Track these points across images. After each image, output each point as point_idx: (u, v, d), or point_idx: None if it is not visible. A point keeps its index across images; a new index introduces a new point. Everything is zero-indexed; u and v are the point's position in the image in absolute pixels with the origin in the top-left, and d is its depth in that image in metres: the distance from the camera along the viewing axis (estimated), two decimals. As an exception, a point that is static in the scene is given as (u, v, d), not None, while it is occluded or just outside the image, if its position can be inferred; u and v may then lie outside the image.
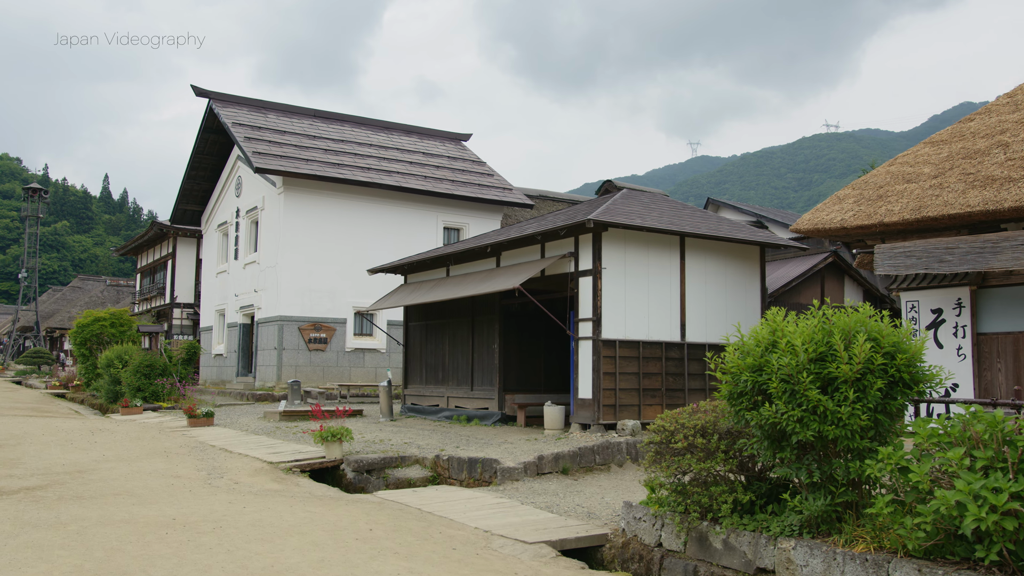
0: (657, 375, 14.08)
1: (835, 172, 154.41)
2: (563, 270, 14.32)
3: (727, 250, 15.23)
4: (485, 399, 16.26)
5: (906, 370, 6.41)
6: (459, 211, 28.73)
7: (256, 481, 10.97)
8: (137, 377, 22.73)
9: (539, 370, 16.98)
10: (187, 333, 36.57)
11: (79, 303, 62.62)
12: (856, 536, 6.23)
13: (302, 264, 25.71)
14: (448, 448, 13.14)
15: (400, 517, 8.62)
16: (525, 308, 16.70)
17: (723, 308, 15.02)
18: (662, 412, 14.49)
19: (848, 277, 18.81)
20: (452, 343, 17.51)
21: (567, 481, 11.57)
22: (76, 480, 10.57)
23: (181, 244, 37.99)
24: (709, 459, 7.19)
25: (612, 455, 12.57)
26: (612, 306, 13.65)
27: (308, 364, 25.61)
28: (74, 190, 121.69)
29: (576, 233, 13.89)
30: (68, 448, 13.75)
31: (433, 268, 17.99)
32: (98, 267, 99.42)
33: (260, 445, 14.29)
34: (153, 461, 12.45)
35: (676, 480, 7.55)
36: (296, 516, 8.48)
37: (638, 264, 14.03)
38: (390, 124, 32.21)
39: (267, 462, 12.27)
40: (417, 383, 18.72)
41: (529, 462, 11.68)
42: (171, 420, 19.43)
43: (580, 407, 13.79)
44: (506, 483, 11.28)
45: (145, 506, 8.88)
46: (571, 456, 12.15)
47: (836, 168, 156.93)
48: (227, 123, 27.26)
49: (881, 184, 13.06)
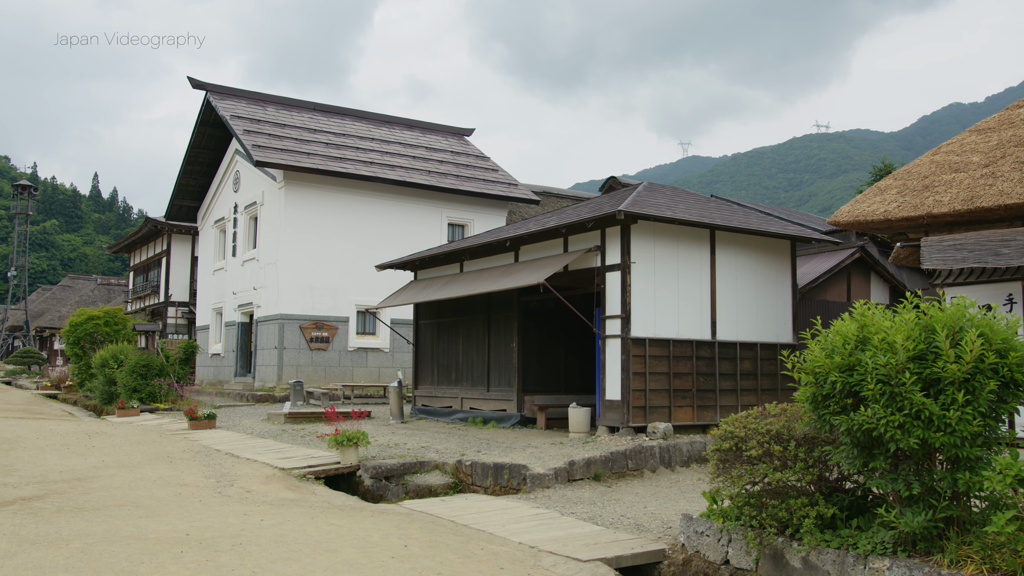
0: (687, 375, 13.38)
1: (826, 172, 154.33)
2: (587, 265, 13.60)
3: (757, 244, 14.55)
4: (502, 400, 15.52)
5: (1018, 370, 5.71)
6: (463, 207, 27.99)
7: (269, 489, 10.22)
8: (133, 378, 21.90)
9: (559, 370, 16.25)
10: (182, 332, 35.71)
11: (69, 302, 61.59)
12: (963, 556, 5.55)
13: (303, 261, 24.93)
14: (469, 453, 12.41)
15: (434, 531, 7.89)
16: (544, 305, 15.98)
17: (754, 305, 14.34)
18: (693, 414, 13.86)
19: (874, 273, 18.16)
20: (467, 342, 16.77)
21: (600, 488, 10.86)
22: (76, 489, 9.80)
23: (176, 241, 37.12)
24: (787, 468, 6.49)
25: (645, 460, 11.87)
26: (641, 303, 12.95)
27: (310, 364, 24.84)
28: (63, 189, 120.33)
29: (603, 226, 13.18)
30: (65, 453, 12.97)
31: (445, 264, 17.24)
32: (88, 266, 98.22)
33: (268, 449, 13.53)
34: (156, 467, 11.68)
35: (745, 491, 6.84)
36: (320, 530, 7.75)
37: (667, 258, 13.33)
38: (391, 118, 31.44)
39: (279, 468, 11.51)
40: (428, 384, 17.96)
41: (560, 468, 10.96)
42: (170, 422, 18.62)
43: (608, 409, 13.08)
44: (536, 491, 10.56)
45: (154, 519, 8.12)
46: (603, 461, 11.44)
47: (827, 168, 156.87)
48: (225, 116, 26.45)
49: (926, 174, 12.40)
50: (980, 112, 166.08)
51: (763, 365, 14.31)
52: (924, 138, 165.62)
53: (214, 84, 28.55)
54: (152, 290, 38.68)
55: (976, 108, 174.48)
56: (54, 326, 59.44)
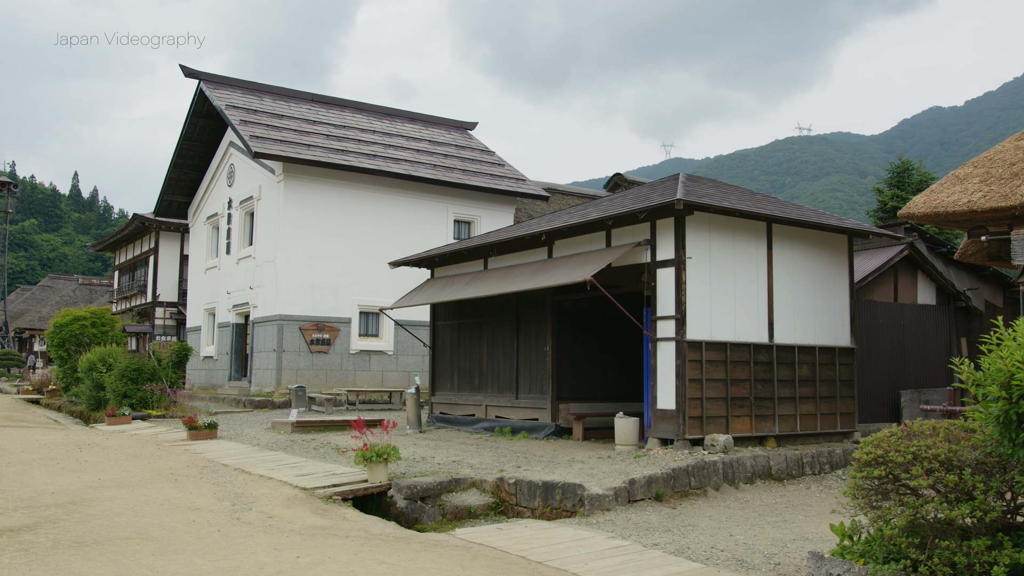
0: (744, 382, 12.20)
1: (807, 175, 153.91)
2: (633, 261, 12.39)
3: (814, 239, 13.41)
4: (534, 408, 14.27)
5: None
6: (470, 203, 26.72)
7: (294, 514, 8.93)
8: (123, 382, 20.48)
9: (593, 376, 15.01)
10: (170, 334, 34.17)
11: (50, 303, 59.70)
12: None
13: (303, 258, 23.58)
14: (508, 468, 11.17)
15: (507, 571, 6.64)
16: (578, 305, 14.75)
17: (811, 305, 13.18)
18: (751, 425, 12.67)
19: (921, 272, 17.08)
20: (492, 345, 15.49)
21: (665, 510, 9.65)
22: (72, 516, 8.47)
23: (164, 239, 35.60)
24: (963, 502, 5.29)
25: (708, 477, 10.67)
26: (697, 302, 11.75)
27: (310, 367, 23.48)
28: (42, 188, 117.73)
29: (653, 217, 11.97)
30: (55, 469, 11.60)
31: (468, 260, 15.96)
32: (67, 266, 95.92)
33: (281, 464, 12.22)
34: (161, 487, 10.35)
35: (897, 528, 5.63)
36: (372, 572, 6.48)
37: (724, 254, 12.15)
38: (392, 111, 30.12)
39: (299, 488, 10.21)
40: (447, 390, 16.67)
41: (619, 487, 9.73)
42: (166, 431, 17.24)
43: (660, 419, 11.86)
44: (595, 513, 9.34)
45: (169, 557, 6.83)
46: (665, 479, 10.23)
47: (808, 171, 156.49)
48: (220, 106, 25.04)
49: (1013, 161, 11.28)
50: (960, 116, 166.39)
51: (821, 370, 13.16)
52: (905, 141, 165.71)
53: (207, 73, 27.13)
54: (139, 290, 37.12)
55: (956, 112, 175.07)
56: (34, 327, 57.60)
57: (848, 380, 13.46)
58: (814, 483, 11.51)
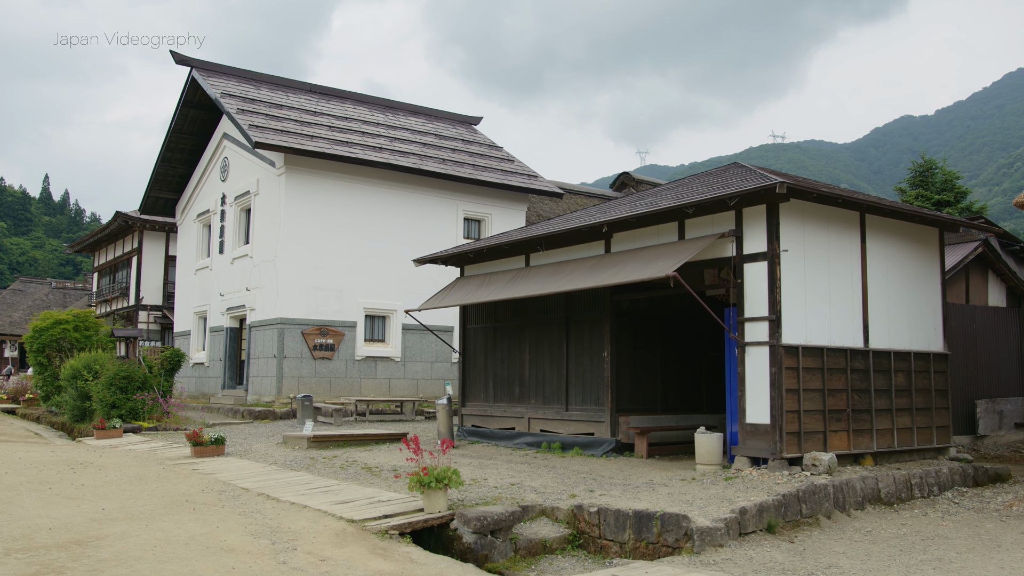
0: (841, 392, 10.77)
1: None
2: (714, 255, 10.92)
3: (905, 232, 12.04)
4: (589, 422, 12.73)
5: None
6: (480, 200, 25.17)
7: (351, 557, 7.33)
8: (112, 391, 18.65)
9: (655, 385, 13.48)
10: (155, 339, 32.24)
11: (21, 307, 57.19)
12: None
13: (306, 257, 21.90)
14: (580, 493, 9.65)
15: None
16: (636, 306, 13.25)
17: (904, 305, 11.81)
18: (848, 440, 11.13)
19: (992, 272, 15.79)
20: (535, 350, 13.93)
21: (784, 545, 8.18)
22: (80, 563, 6.80)
23: (148, 238, 33.65)
24: None
25: (819, 504, 9.21)
26: (791, 302, 10.31)
27: (312, 375, 21.79)
28: (11, 190, 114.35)
29: (740, 206, 10.51)
30: (48, 496, 9.88)
31: (506, 256, 14.40)
32: (38, 270, 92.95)
33: (311, 488, 10.58)
34: (179, 519, 8.68)
35: None
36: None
37: (818, 247, 10.73)
38: (395, 103, 28.52)
39: (345, 519, 8.59)
40: (480, 400, 15.07)
41: (730, 518, 8.24)
42: (164, 446, 15.49)
43: (749, 435, 10.38)
44: (707, 550, 7.85)
45: (222, 627, 5.22)
46: (776, 507, 8.76)
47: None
48: (215, 94, 23.31)
49: None
50: (930, 125, 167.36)
51: (917, 379, 11.77)
52: (877, 149, 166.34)
53: (200, 60, 25.36)
54: (120, 292, 35.10)
55: (927, 121, 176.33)
56: (5, 332, 55.12)
57: (943, 390, 12.09)
58: (928, 508, 10.09)
